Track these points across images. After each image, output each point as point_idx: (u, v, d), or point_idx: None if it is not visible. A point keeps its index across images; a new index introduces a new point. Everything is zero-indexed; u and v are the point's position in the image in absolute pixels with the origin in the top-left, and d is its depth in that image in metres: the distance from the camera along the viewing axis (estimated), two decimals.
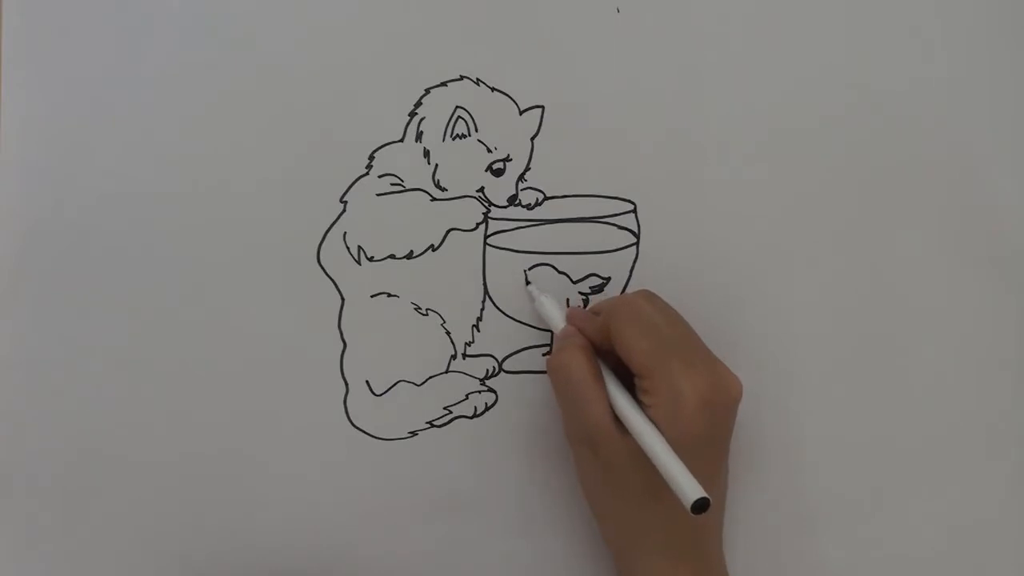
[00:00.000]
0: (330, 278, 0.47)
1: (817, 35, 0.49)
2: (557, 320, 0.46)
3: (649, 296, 0.44)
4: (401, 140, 0.48)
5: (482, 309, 0.48)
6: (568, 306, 0.48)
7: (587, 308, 0.46)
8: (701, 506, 0.37)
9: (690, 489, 0.37)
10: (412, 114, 0.47)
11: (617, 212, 0.48)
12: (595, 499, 0.44)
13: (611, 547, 0.45)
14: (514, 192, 0.48)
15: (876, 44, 0.49)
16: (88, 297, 0.47)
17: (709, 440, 0.41)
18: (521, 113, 0.48)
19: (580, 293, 0.48)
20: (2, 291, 0.47)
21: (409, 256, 0.47)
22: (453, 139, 0.47)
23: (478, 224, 0.48)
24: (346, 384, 0.47)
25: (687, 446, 0.39)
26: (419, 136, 0.47)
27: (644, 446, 0.40)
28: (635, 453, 0.40)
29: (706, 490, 0.37)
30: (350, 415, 0.47)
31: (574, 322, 0.45)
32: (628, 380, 0.42)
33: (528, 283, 0.47)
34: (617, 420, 0.41)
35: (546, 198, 0.48)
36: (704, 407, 0.40)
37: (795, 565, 0.48)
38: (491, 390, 0.48)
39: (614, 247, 0.48)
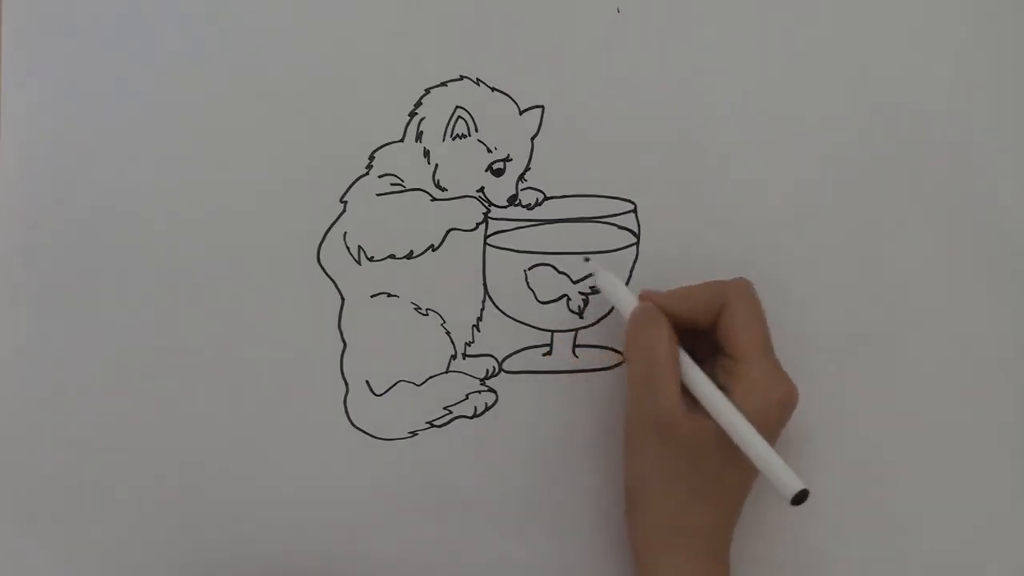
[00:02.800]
0: (330, 278, 0.47)
1: (818, 35, 0.49)
2: (624, 295, 0.45)
3: (753, 286, 0.44)
4: (401, 140, 0.48)
5: (482, 309, 0.48)
6: (568, 305, 0.48)
7: (668, 292, 0.45)
8: (801, 498, 0.37)
9: (791, 480, 0.38)
10: (412, 114, 0.47)
11: (617, 212, 0.48)
12: (645, 487, 0.44)
13: (646, 539, 0.44)
14: (514, 192, 0.48)
15: (877, 45, 0.49)
16: (88, 297, 0.47)
17: (772, 438, 0.42)
18: (521, 113, 0.48)
19: (580, 293, 0.48)
20: (2, 291, 0.47)
21: (409, 256, 0.47)
22: (453, 139, 0.47)
23: (478, 224, 0.48)
24: (346, 384, 0.47)
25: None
26: (419, 136, 0.47)
27: (739, 437, 0.40)
28: (707, 435, 0.41)
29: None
30: (350, 415, 0.47)
31: (654, 298, 0.44)
32: (699, 362, 0.43)
33: (586, 259, 0.47)
34: (684, 403, 0.41)
35: (546, 198, 0.48)
36: (782, 408, 0.42)
37: (795, 566, 0.48)
38: (491, 390, 0.48)
39: (614, 247, 0.48)
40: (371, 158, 0.47)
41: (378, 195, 0.47)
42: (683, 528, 0.43)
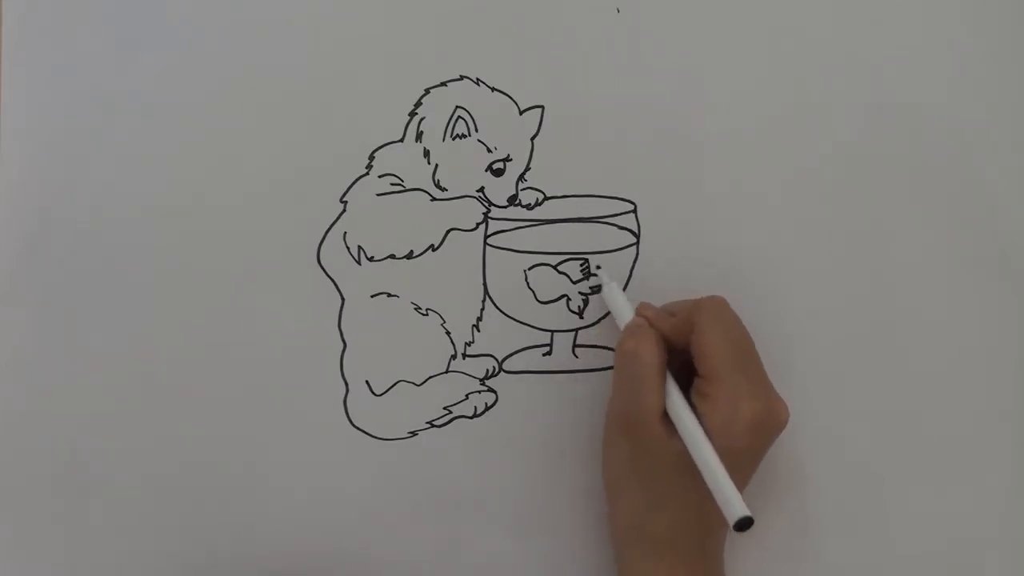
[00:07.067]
0: (330, 278, 0.47)
1: (818, 35, 0.49)
2: (625, 310, 0.45)
3: (728, 304, 0.44)
4: (401, 140, 0.48)
5: (482, 309, 0.48)
6: (568, 305, 0.48)
7: (661, 307, 0.46)
8: (745, 525, 0.38)
9: (738, 506, 0.38)
10: (412, 114, 0.47)
11: (617, 212, 0.48)
12: (616, 485, 0.44)
13: (615, 535, 0.45)
14: (514, 192, 0.48)
15: (877, 45, 0.49)
16: (87, 297, 0.47)
17: (748, 458, 0.42)
18: (521, 113, 0.48)
19: (580, 293, 0.48)
20: (2, 293, 0.47)
21: (409, 256, 0.47)
22: (453, 139, 0.47)
23: (478, 224, 0.48)
24: (346, 384, 0.47)
25: (728, 460, 0.40)
26: (419, 136, 0.47)
27: (695, 453, 0.40)
28: (675, 455, 0.41)
29: None
30: (350, 415, 0.47)
31: (646, 313, 0.45)
32: (684, 381, 0.43)
33: (598, 267, 0.47)
34: (665, 416, 0.42)
35: (546, 198, 0.48)
36: (754, 427, 0.41)
37: (795, 565, 0.48)
38: (491, 390, 0.48)
39: (614, 247, 0.48)
40: (371, 158, 0.47)
41: (378, 195, 0.47)
42: (645, 530, 0.43)
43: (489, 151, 0.47)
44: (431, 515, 0.47)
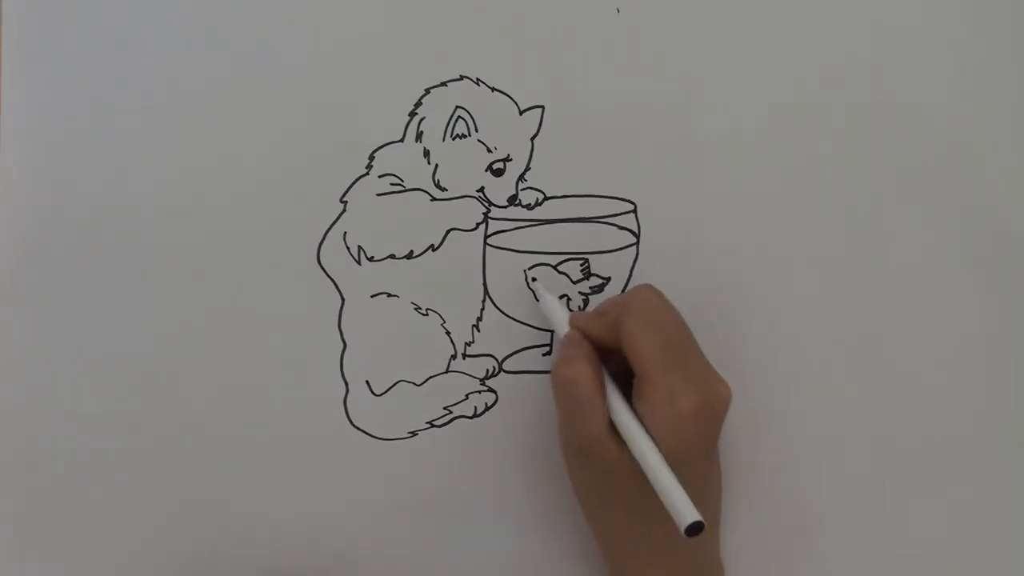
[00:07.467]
0: (330, 278, 0.47)
1: (818, 37, 0.49)
2: (561, 322, 0.45)
3: (657, 295, 0.43)
4: (401, 140, 0.48)
5: (482, 309, 0.48)
6: (568, 305, 0.48)
7: (592, 309, 0.46)
8: (695, 529, 0.37)
9: (687, 512, 0.38)
10: (412, 114, 0.48)
11: (617, 212, 0.48)
12: (588, 506, 0.44)
13: (603, 551, 0.45)
14: (514, 192, 0.48)
15: (877, 45, 0.49)
16: (87, 298, 0.47)
17: (699, 452, 0.41)
18: (521, 113, 0.48)
19: (580, 293, 0.48)
20: (2, 293, 0.47)
21: (409, 256, 0.47)
22: (453, 139, 0.47)
23: (478, 224, 0.48)
24: (346, 384, 0.47)
25: (680, 458, 0.39)
26: (419, 136, 0.47)
27: (642, 464, 0.40)
28: (631, 466, 0.40)
29: (698, 499, 0.38)
30: (350, 415, 0.47)
31: (577, 324, 0.44)
32: (626, 379, 0.42)
33: (534, 279, 0.47)
34: (614, 431, 0.41)
35: (546, 198, 0.48)
36: (697, 419, 0.40)
37: (795, 565, 0.48)
38: (491, 390, 0.48)
39: (614, 247, 0.48)
40: (371, 158, 0.47)
41: (378, 195, 0.47)
42: (628, 540, 0.43)
43: (489, 151, 0.47)
44: (431, 515, 0.47)
